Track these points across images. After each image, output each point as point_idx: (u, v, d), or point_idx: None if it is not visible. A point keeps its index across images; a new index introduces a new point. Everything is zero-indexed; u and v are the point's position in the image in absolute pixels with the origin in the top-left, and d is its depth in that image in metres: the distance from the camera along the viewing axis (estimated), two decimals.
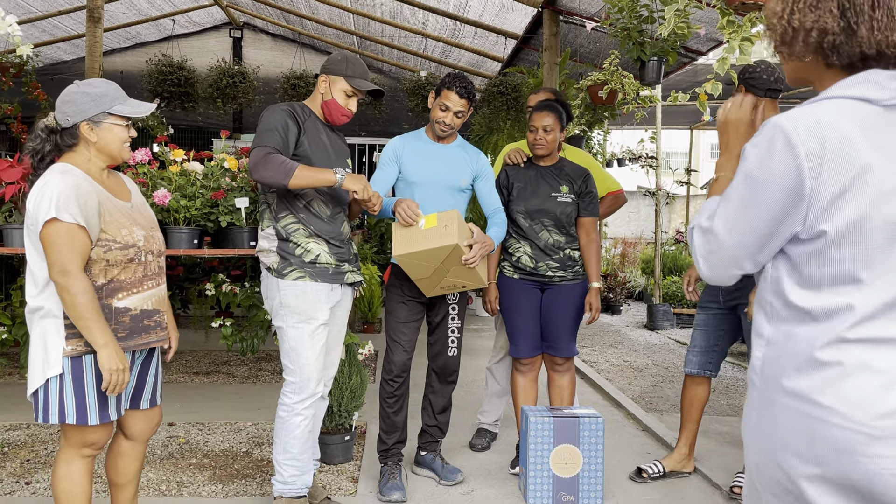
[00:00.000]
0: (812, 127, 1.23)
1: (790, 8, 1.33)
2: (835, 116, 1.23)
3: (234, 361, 5.71)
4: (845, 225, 1.22)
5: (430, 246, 2.86)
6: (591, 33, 6.34)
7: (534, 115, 3.38)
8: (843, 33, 1.28)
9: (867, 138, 1.22)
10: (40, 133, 2.31)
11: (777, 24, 1.36)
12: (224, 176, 3.81)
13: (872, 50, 1.28)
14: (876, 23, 1.27)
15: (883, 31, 1.27)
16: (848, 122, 1.23)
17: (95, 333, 2.18)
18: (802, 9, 1.31)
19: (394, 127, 10.68)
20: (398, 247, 2.91)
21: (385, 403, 3.25)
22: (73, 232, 2.17)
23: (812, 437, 1.22)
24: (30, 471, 3.36)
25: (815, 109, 1.25)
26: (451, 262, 2.91)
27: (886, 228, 1.22)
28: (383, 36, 8.77)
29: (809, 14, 1.30)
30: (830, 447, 1.21)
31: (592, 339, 7.37)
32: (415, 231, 2.91)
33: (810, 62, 1.34)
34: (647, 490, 3.30)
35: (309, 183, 2.59)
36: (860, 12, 1.28)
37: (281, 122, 2.65)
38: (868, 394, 1.20)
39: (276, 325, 2.78)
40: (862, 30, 1.28)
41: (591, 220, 3.45)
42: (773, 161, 1.25)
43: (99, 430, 2.33)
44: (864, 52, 1.28)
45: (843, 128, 1.22)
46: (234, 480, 3.31)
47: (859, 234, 1.22)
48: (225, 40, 9.91)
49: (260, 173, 2.57)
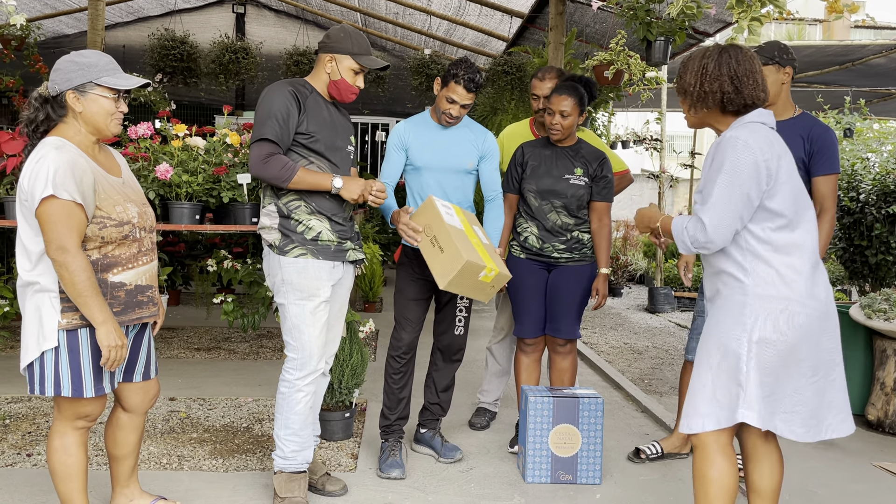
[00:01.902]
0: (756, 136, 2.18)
1: (700, 80, 2.23)
2: (760, 131, 2.19)
3: (235, 338, 5.72)
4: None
5: (491, 290, 2.93)
6: (598, 13, 6.28)
7: (552, 98, 3.30)
8: (734, 93, 2.20)
9: (777, 140, 2.20)
10: (34, 102, 2.30)
11: (693, 91, 2.25)
12: (226, 152, 3.79)
13: (750, 101, 2.22)
14: (751, 86, 2.21)
15: (755, 91, 2.21)
16: (766, 132, 2.20)
17: (94, 310, 2.19)
18: (710, 80, 2.21)
19: (397, 105, 10.63)
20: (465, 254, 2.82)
21: (391, 380, 3.26)
22: (71, 209, 2.16)
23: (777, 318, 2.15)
24: (31, 443, 3.38)
25: (748, 128, 2.19)
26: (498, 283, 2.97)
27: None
28: (387, 13, 8.69)
29: (714, 83, 2.21)
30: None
31: (593, 321, 7.39)
32: (471, 279, 2.85)
33: (710, 112, 2.28)
34: (644, 471, 3.32)
35: (306, 187, 2.67)
36: (743, 81, 2.20)
37: (281, 107, 2.64)
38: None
39: (278, 301, 2.78)
40: (744, 91, 2.20)
41: (604, 204, 3.41)
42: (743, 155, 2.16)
43: (93, 403, 2.34)
44: (745, 102, 2.22)
45: (767, 135, 2.19)
46: (235, 455, 3.33)
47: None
48: (228, 16, 9.83)
49: (260, 173, 2.63)
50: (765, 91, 2.23)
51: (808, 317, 2.15)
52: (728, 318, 2.19)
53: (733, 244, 2.19)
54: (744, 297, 2.16)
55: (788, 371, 2.15)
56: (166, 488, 2.92)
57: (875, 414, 3.97)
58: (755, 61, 2.22)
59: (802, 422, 2.17)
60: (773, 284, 2.14)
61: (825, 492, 3.13)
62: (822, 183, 3.08)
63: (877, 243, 4.94)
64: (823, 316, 2.18)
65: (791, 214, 2.16)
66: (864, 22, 3.36)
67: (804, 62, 7.54)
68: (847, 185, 5.14)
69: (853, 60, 7.52)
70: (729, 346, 2.17)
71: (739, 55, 2.21)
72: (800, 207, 2.19)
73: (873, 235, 4.93)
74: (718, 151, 2.16)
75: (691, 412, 2.24)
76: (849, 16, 3.50)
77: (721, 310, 2.23)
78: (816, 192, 3.10)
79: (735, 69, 2.19)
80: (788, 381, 2.16)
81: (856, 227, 5.09)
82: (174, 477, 3.06)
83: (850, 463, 3.47)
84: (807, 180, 3.14)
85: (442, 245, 2.83)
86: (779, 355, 2.14)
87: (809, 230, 2.21)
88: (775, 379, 2.15)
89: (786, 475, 3.26)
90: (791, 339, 2.13)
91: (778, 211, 2.15)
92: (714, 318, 2.26)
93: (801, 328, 2.14)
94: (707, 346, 2.25)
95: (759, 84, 2.21)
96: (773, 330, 2.13)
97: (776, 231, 2.16)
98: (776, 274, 2.15)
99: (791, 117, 3.18)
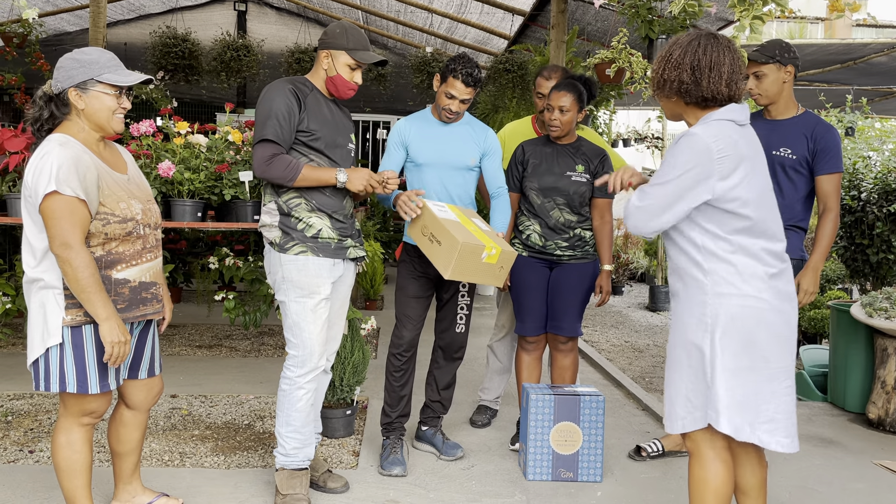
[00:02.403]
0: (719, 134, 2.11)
1: (663, 67, 2.17)
2: (725, 130, 2.12)
3: (236, 335, 5.73)
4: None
5: (491, 279, 2.90)
6: (599, 11, 6.28)
7: (552, 94, 3.31)
8: (692, 84, 2.12)
9: (742, 138, 2.13)
10: (38, 100, 2.31)
11: (656, 76, 2.21)
12: (228, 149, 3.79)
13: (709, 95, 2.12)
14: (712, 79, 2.11)
15: (716, 85, 2.11)
16: (732, 131, 2.12)
17: (97, 307, 2.19)
18: (671, 68, 2.15)
19: (398, 103, 10.62)
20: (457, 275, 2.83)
21: (392, 377, 3.27)
22: (74, 205, 2.16)
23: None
24: (33, 440, 3.39)
25: (715, 125, 2.12)
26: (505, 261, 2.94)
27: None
28: (389, 11, 8.68)
29: (674, 72, 2.15)
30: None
31: (594, 319, 7.39)
32: (474, 262, 2.83)
33: (676, 101, 2.20)
34: (645, 468, 3.32)
35: (311, 184, 2.68)
36: (702, 73, 2.11)
37: (281, 106, 2.64)
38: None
39: (279, 299, 2.78)
40: (703, 82, 2.11)
41: (605, 201, 3.41)
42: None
43: (98, 399, 2.34)
44: (703, 95, 2.13)
45: (732, 134, 2.12)
46: (237, 452, 3.34)
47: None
48: (229, 13, 9.82)
49: (265, 174, 2.65)
50: (730, 87, 2.12)
51: (769, 312, 2.10)
52: (690, 317, 2.15)
53: (689, 243, 2.15)
54: (703, 295, 2.12)
55: (759, 374, 2.10)
56: (168, 485, 2.93)
57: (876, 412, 3.97)
58: (727, 54, 2.11)
59: (786, 431, 2.12)
60: (732, 283, 2.09)
61: (826, 490, 3.13)
62: (826, 182, 3.09)
63: (878, 242, 4.94)
64: (788, 319, 2.14)
65: (756, 218, 2.10)
66: (866, 20, 3.36)
67: (806, 61, 7.52)
68: (849, 183, 5.14)
69: (855, 59, 7.51)
70: (692, 345, 2.14)
71: (710, 45, 2.11)
72: (767, 213, 2.13)
73: (874, 234, 4.93)
74: (676, 146, 2.12)
75: (670, 414, 2.22)
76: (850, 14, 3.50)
77: (683, 308, 2.19)
78: (820, 191, 3.10)
79: (699, 59, 2.10)
80: (762, 384, 2.10)
81: (857, 225, 5.09)
82: (176, 474, 3.07)
83: (850, 461, 3.48)
84: (810, 179, 3.15)
85: (439, 238, 2.83)
86: (743, 354, 2.09)
87: (775, 237, 2.15)
88: (744, 382, 2.09)
89: (786, 473, 3.27)
90: (752, 336, 2.09)
91: (736, 211, 2.08)
92: (676, 317, 2.22)
93: (762, 324, 2.09)
94: (673, 346, 2.21)
95: (724, 78, 2.10)
96: (733, 327, 2.08)
97: (736, 233, 2.10)
98: (736, 272, 2.10)
99: (794, 116, 3.18)
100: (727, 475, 2.18)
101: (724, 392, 2.09)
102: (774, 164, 3.13)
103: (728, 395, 2.09)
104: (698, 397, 2.14)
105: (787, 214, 3.16)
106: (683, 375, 2.17)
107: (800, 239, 3.21)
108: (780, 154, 3.12)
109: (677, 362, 2.19)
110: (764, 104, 3.20)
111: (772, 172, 3.16)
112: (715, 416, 2.10)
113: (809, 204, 3.21)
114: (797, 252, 3.18)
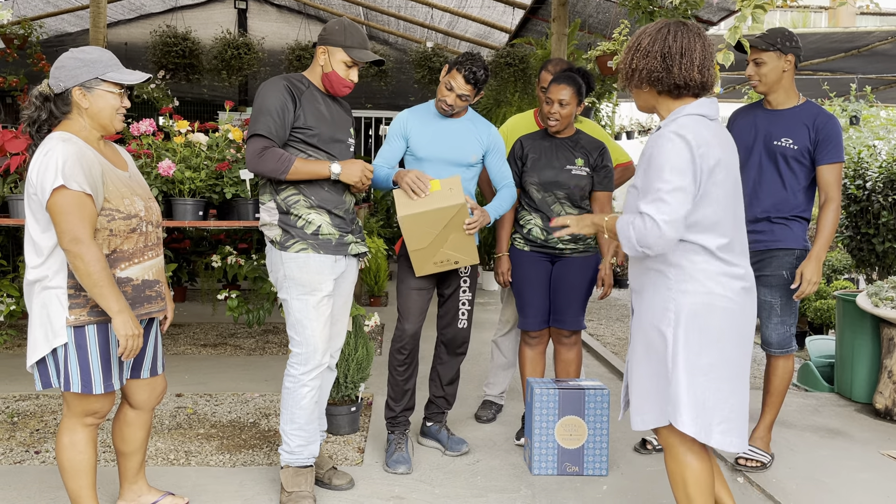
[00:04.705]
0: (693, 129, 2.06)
1: (631, 57, 2.13)
2: (701, 127, 2.06)
3: (241, 334, 5.74)
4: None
5: (437, 206, 2.86)
6: (601, 3, 6.25)
7: (551, 87, 3.30)
8: (664, 72, 2.07)
9: (714, 136, 2.07)
10: (34, 101, 2.30)
11: (625, 67, 2.16)
12: (229, 147, 3.79)
13: (681, 82, 2.07)
14: (684, 66, 2.06)
15: (688, 72, 2.06)
16: (705, 128, 2.06)
17: (110, 300, 2.19)
18: (640, 56, 2.10)
19: (399, 99, 10.60)
20: (402, 208, 2.89)
21: (395, 372, 3.26)
22: (82, 200, 2.16)
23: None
24: (39, 440, 3.40)
25: (687, 121, 2.06)
26: (453, 227, 2.91)
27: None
28: (389, 6, 8.67)
29: (643, 60, 2.10)
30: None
31: (598, 312, 7.38)
32: (424, 220, 2.88)
33: (648, 91, 2.15)
34: (651, 462, 3.31)
35: (304, 177, 2.67)
36: (673, 59, 2.06)
37: (277, 102, 2.63)
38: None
39: (281, 297, 2.78)
40: (674, 69, 2.06)
41: (605, 194, 3.41)
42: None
43: (102, 399, 2.34)
44: (676, 83, 2.08)
45: (703, 131, 2.06)
46: (242, 450, 3.34)
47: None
48: (230, 11, 9.81)
49: (256, 168, 2.64)
50: (703, 73, 2.06)
51: (732, 310, 2.09)
52: (653, 314, 2.13)
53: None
54: (668, 291, 2.10)
55: (719, 372, 2.08)
56: (174, 484, 2.93)
57: (883, 402, 3.95)
58: (697, 41, 2.05)
59: (739, 431, 2.11)
60: (697, 280, 2.08)
61: (833, 480, 3.12)
62: (827, 172, 3.07)
63: (884, 231, 4.91)
64: (749, 318, 2.13)
65: (722, 217, 2.07)
66: (869, 8, 3.32)
67: (809, 49, 7.48)
68: (854, 172, 5.11)
69: (859, 47, 7.46)
70: (655, 342, 2.12)
71: (680, 32, 2.06)
72: (733, 213, 2.10)
73: (880, 223, 4.90)
74: (657, 146, 2.05)
75: (635, 410, 2.20)
76: (854, 2, 3.47)
77: (647, 305, 2.16)
78: (821, 181, 3.08)
79: (670, 46, 2.04)
80: (722, 383, 2.09)
81: (862, 214, 5.06)
82: (182, 472, 3.07)
83: (857, 452, 3.46)
84: (811, 169, 3.13)
85: (405, 235, 2.98)
86: (704, 351, 2.07)
87: (738, 237, 2.13)
88: (705, 381, 2.07)
89: (793, 464, 3.26)
90: (715, 333, 2.07)
91: (703, 210, 2.05)
92: (639, 313, 2.20)
93: (724, 321, 2.08)
94: (635, 342, 2.20)
95: (696, 64, 2.04)
96: (695, 324, 2.07)
97: (701, 232, 2.07)
98: (700, 270, 2.08)
99: (795, 105, 3.16)
100: (703, 465, 2.16)
101: (685, 391, 2.07)
102: (776, 154, 3.12)
103: (689, 393, 2.07)
104: (662, 393, 2.13)
105: (790, 205, 3.15)
106: (646, 371, 2.16)
107: (803, 229, 3.19)
108: (782, 144, 3.10)
109: (639, 358, 2.18)
110: (762, 91, 3.17)
111: (773, 163, 3.14)
112: (676, 414, 2.08)
113: (811, 194, 3.19)
114: (800, 242, 3.16)
